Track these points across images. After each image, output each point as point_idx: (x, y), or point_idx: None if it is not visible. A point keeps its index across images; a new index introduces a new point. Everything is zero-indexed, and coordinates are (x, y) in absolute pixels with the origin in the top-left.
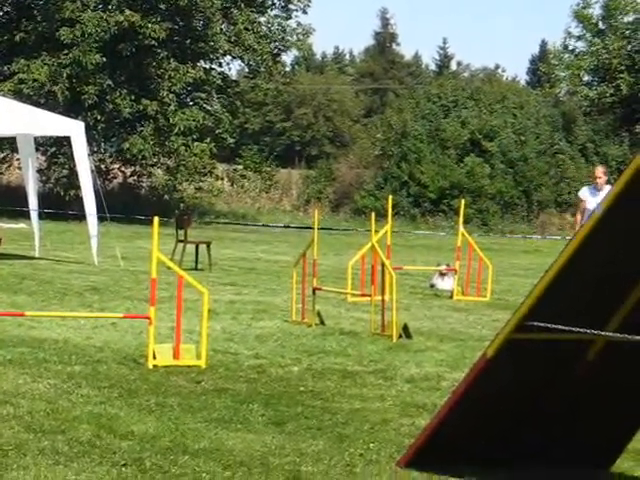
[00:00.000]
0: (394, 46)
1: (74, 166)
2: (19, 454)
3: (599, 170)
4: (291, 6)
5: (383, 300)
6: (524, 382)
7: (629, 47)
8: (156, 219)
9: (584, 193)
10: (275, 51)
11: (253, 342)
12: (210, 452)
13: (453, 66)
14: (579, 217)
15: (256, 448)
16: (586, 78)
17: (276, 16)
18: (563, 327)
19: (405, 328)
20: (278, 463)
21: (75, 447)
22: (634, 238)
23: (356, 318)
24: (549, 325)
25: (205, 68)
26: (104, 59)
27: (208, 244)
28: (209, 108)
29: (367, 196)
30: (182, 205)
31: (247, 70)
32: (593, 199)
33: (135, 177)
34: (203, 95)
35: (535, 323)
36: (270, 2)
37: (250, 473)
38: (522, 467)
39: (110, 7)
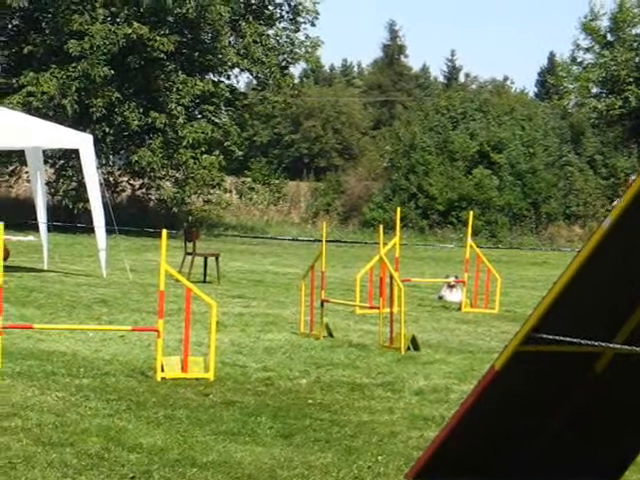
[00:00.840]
0: (402, 58)
1: (82, 179)
2: (27, 467)
3: None
4: (299, 19)
5: (391, 312)
6: (532, 395)
7: (637, 59)
8: (164, 232)
9: None
10: (283, 63)
11: (261, 354)
12: (218, 465)
13: (461, 78)
14: None
15: (264, 461)
16: (594, 90)
17: (284, 28)
18: (571, 339)
19: (413, 340)
20: (286, 476)
21: (83, 460)
22: None
23: (364, 330)
24: (557, 337)
25: (213, 81)
26: (112, 72)
27: (217, 256)
28: (217, 121)
29: (375, 208)
30: (190, 218)
31: (255, 82)
32: None
33: (144, 190)
34: (211, 108)
35: (543, 335)
36: (278, 15)
37: None
38: None
39: (118, 20)
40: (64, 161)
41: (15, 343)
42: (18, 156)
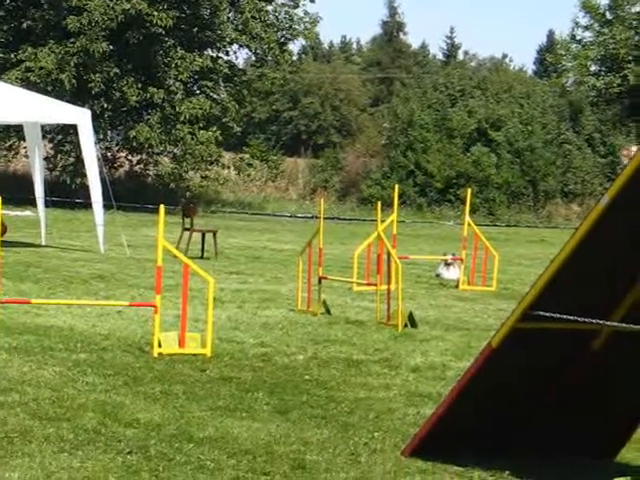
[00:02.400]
0: (401, 35)
1: (80, 154)
2: (24, 441)
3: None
4: None
5: (389, 289)
6: (529, 372)
7: (636, 37)
8: (162, 207)
9: None
10: (282, 40)
11: (259, 331)
12: (215, 440)
13: (460, 56)
14: None
15: (261, 436)
16: (593, 68)
17: (283, 4)
18: (568, 317)
19: (411, 317)
20: (283, 451)
21: (80, 435)
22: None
23: (362, 307)
24: (554, 315)
25: (212, 56)
26: (111, 47)
27: (214, 232)
28: (216, 97)
29: (373, 185)
30: (188, 193)
31: (254, 59)
32: None
33: (141, 165)
34: (210, 83)
35: (540, 313)
36: None
37: (255, 461)
38: (526, 457)
39: None
40: (62, 136)
41: (12, 318)
42: (16, 131)
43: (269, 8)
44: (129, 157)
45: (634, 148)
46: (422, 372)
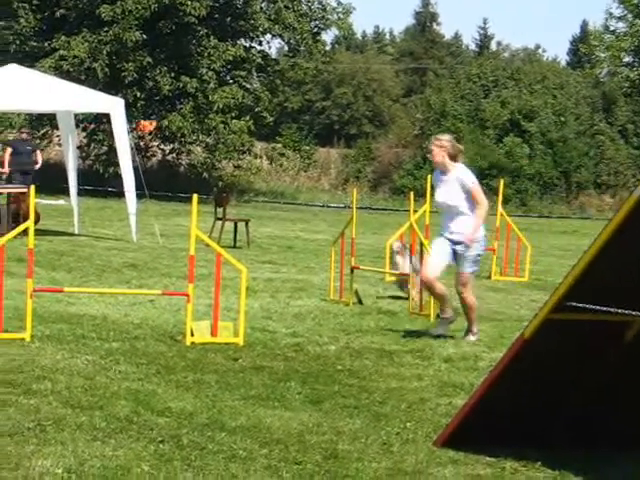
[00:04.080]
0: (434, 26)
1: (113, 143)
2: (57, 429)
3: (435, 143)
4: None
5: (421, 280)
6: (561, 363)
7: None
8: (195, 196)
9: (433, 180)
10: (315, 30)
11: (291, 320)
12: (247, 429)
13: (493, 46)
14: None
15: (293, 426)
16: (627, 59)
17: None
18: (601, 308)
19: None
20: (315, 441)
21: (113, 423)
22: None
23: (394, 297)
24: (587, 306)
25: (245, 46)
26: (144, 36)
27: (246, 222)
28: (248, 86)
29: (406, 176)
30: (221, 183)
31: (287, 48)
32: (438, 190)
33: (174, 154)
34: (243, 73)
35: (574, 304)
36: None
37: (287, 450)
38: (558, 447)
39: None
40: (95, 125)
41: (45, 306)
42: (50, 120)
43: None
44: (162, 146)
45: None
46: (454, 362)
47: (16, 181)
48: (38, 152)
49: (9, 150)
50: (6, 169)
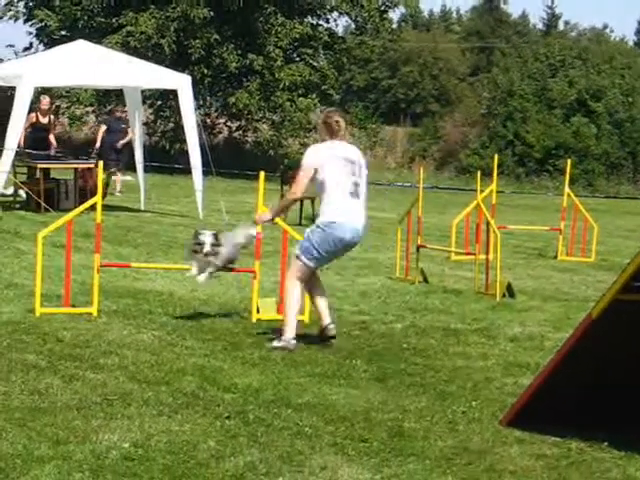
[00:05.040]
0: (502, 5)
1: (180, 120)
2: (124, 404)
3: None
4: None
5: (487, 259)
6: (628, 344)
7: None
8: (262, 174)
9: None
10: (382, 8)
11: (356, 298)
12: (313, 406)
13: (560, 26)
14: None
15: (359, 403)
16: None
17: None
18: None
19: (509, 287)
20: (380, 419)
21: (179, 398)
22: None
23: (459, 276)
24: None
25: (312, 24)
26: (211, 13)
27: (312, 199)
28: (315, 64)
29: (472, 155)
30: (287, 160)
31: (354, 26)
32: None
33: (240, 132)
34: (309, 51)
35: None
36: None
37: (353, 428)
38: (625, 428)
39: None
40: (162, 102)
41: (112, 282)
42: (116, 95)
43: None
44: (228, 123)
45: None
46: (520, 342)
47: (108, 158)
48: (129, 130)
49: (103, 127)
50: (98, 145)
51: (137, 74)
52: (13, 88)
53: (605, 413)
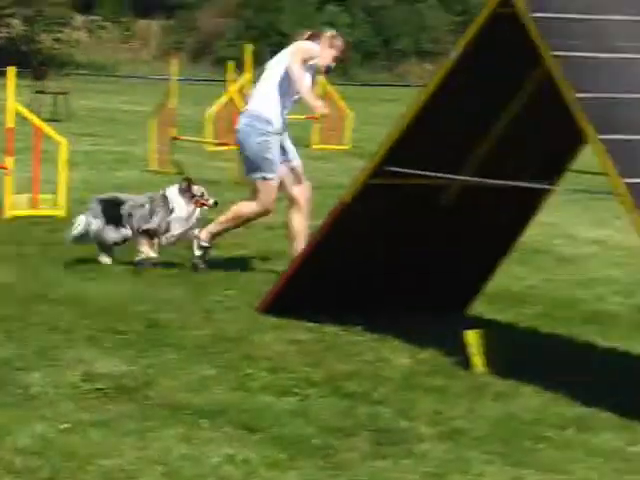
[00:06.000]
0: None
1: None
2: None
3: None
4: None
5: None
6: (380, 228)
7: None
8: (12, 69)
9: None
10: None
11: (112, 191)
12: (69, 301)
13: None
14: None
15: (114, 297)
16: None
17: None
18: (419, 172)
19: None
20: (137, 311)
21: None
22: (488, 83)
23: (217, 167)
24: (406, 170)
25: None
26: None
27: (65, 94)
28: None
29: (227, 46)
30: (40, 56)
31: None
32: None
33: None
34: None
35: (392, 168)
36: None
37: (108, 321)
38: (379, 312)
39: None
40: None
41: None
42: None
43: None
44: None
45: None
46: (275, 230)
47: None
48: None
49: None
50: None
51: None
52: None
53: (359, 298)
